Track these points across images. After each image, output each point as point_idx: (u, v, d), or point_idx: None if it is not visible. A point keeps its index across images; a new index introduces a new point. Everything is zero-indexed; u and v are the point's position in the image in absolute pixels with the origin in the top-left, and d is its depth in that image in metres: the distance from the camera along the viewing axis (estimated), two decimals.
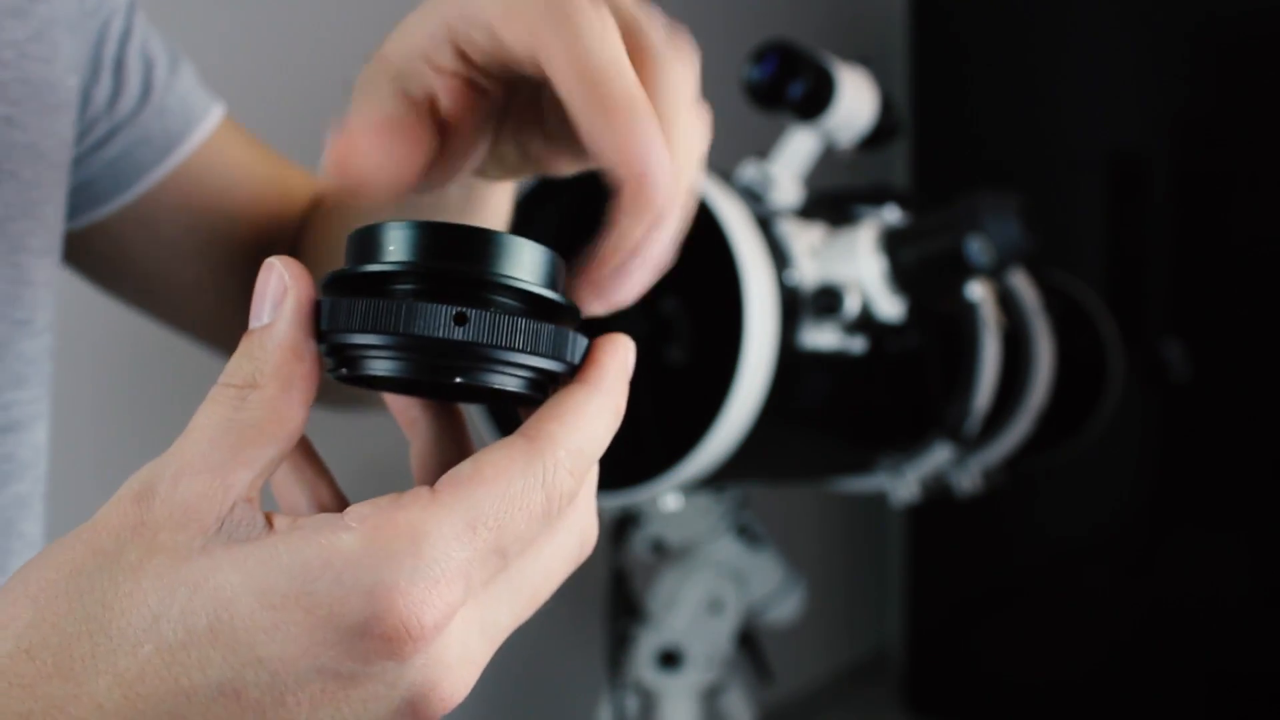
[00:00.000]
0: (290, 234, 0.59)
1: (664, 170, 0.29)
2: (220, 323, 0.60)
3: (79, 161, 0.53)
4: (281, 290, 0.28)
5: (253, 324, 0.28)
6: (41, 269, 0.48)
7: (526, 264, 0.28)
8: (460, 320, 0.27)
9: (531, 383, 0.29)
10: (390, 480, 0.36)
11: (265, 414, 0.27)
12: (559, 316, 0.30)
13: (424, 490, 0.27)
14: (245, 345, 0.28)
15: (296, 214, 0.59)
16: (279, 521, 0.27)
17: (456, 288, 0.28)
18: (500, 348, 0.27)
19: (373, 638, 0.25)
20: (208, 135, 0.57)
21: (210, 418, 0.27)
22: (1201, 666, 2.11)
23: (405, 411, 0.33)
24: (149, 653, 0.25)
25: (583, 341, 0.29)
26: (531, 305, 0.29)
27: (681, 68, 0.31)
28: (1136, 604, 2.17)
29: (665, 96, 0.31)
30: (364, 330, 0.27)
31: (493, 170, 0.38)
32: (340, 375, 0.29)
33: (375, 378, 0.29)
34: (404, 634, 0.25)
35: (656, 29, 0.32)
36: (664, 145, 0.29)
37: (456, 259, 0.28)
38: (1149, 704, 2.15)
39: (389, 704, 0.26)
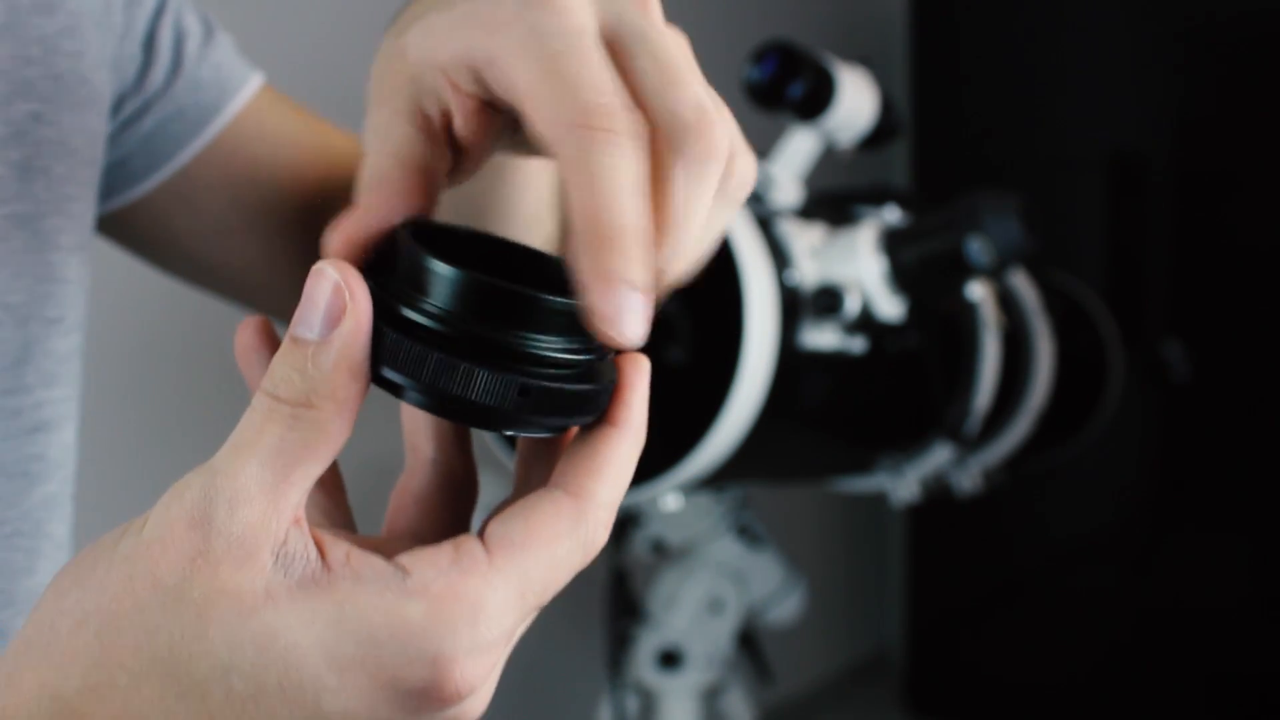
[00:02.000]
0: (340, 201, 0.58)
1: (628, 315, 0.28)
2: (277, 294, 0.59)
3: (113, 140, 0.52)
4: (340, 307, 0.27)
5: (302, 332, 0.27)
6: (72, 266, 0.48)
7: (565, 325, 0.29)
8: (524, 392, 0.28)
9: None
10: (390, 479, 0.36)
11: (317, 435, 0.27)
12: (598, 371, 0.31)
13: (480, 555, 0.28)
14: (295, 358, 0.27)
15: (344, 179, 0.57)
16: (332, 555, 0.27)
17: (507, 357, 0.28)
18: (554, 414, 0.29)
19: (429, 698, 0.27)
20: (244, 105, 0.56)
21: (262, 435, 0.27)
22: (1201, 667, 2.11)
23: (413, 435, 0.34)
24: (219, 701, 0.26)
25: (612, 380, 0.30)
26: (577, 368, 0.30)
27: (708, 159, 0.30)
28: (1137, 604, 2.17)
29: (679, 206, 0.30)
30: (429, 387, 0.27)
31: (521, 150, 0.37)
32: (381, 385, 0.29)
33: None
34: (457, 696, 0.27)
35: (692, 115, 0.30)
36: (639, 285, 0.28)
37: (502, 325, 0.28)
38: (1149, 705, 2.15)
39: None
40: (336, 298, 0.27)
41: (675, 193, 0.30)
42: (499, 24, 0.29)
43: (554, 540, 0.28)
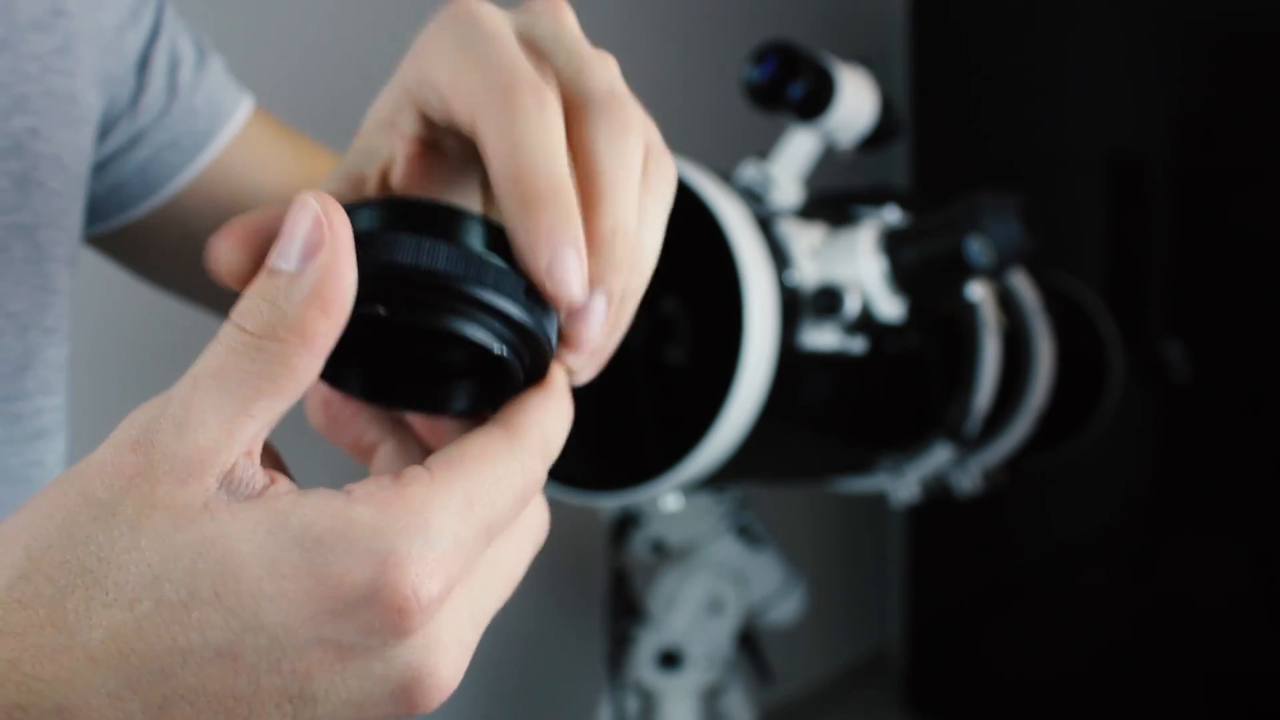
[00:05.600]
0: None
1: (569, 270, 0.29)
2: None
3: (107, 165, 0.53)
4: (318, 239, 0.26)
5: (278, 263, 0.26)
6: (64, 278, 0.49)
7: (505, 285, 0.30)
8: (530, 294, 0.29)
9: (530, 366, 0.30)
10: None
11: (282, 369, 0.26)
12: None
13: (421, 470, 0.27)
14: (268, 288, 0.26)
15: None
16: (280, 483, 0.27)
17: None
18: (542, 323, 0.29)
19: (378, 606, 0.25)
20: (236, 132, 0.57)
21: (222, 364, 0.26)
22: (1201, 667, 2.11)
23: (361, 438, 0.34)
24: (147, 609, 0.25)
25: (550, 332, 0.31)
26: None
27: (625, 131, 0.31)
28: (1137, 604, 2.17)
29: (604, 171, 0.30)
30: (430, 266, 0.27)
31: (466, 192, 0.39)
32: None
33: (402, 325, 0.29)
34: (410, 604, 0.25)
35: (607, 89, 0.32)
36: (576, 242, 0.29)
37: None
38: (1149, 704, 2.15)
39: (384, 684, 0.27)
40: (316, 229, 0.26)
41: (599, 159, 0.30)
42: (427, 49, 0.31)
43: (490, 457, 0.28)
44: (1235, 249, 2.05)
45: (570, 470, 0.87)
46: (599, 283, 0.30)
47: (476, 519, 0.27)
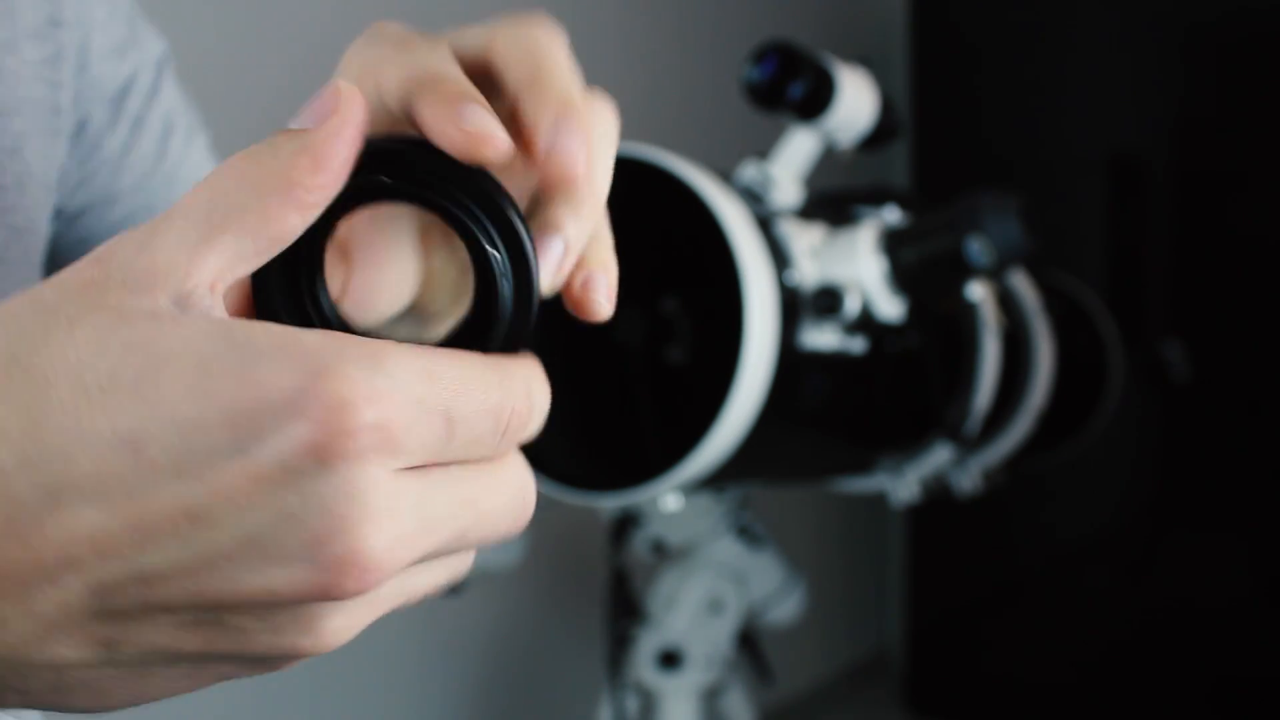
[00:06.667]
0: None
1: (479, 119, 0.28)
2: None
3: (80, 217, 0.54)
4: (333, 106, 0.26)
5: (293, 122, 0.26)
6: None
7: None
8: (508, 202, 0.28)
9: (515, 299, 0.30)
10: None
11: (255, 204, 0.25)
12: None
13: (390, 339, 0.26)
14: (276, 137, 0.26)
15: None
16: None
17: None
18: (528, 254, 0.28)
19: (301, 416, 0.23)
20: None
21: (198, 197, 0.26)
22: (1202, 667, 2.11)
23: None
24: (62, 393, 0.24)
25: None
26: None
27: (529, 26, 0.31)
28: (1137, 604, 2.17)
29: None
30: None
31: None
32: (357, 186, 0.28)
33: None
34: (334, 416, 0.23)
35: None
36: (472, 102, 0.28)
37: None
38: (1149, 704, 2.15)
39: (294, 526, 0.24)
40: (333, 98, 0.26)
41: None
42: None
43: (465, 362, 0.26)
44: (1235, 249, 2.05)
45: (571, 470, 0.87)
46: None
47: (436, 395, 0.25)
